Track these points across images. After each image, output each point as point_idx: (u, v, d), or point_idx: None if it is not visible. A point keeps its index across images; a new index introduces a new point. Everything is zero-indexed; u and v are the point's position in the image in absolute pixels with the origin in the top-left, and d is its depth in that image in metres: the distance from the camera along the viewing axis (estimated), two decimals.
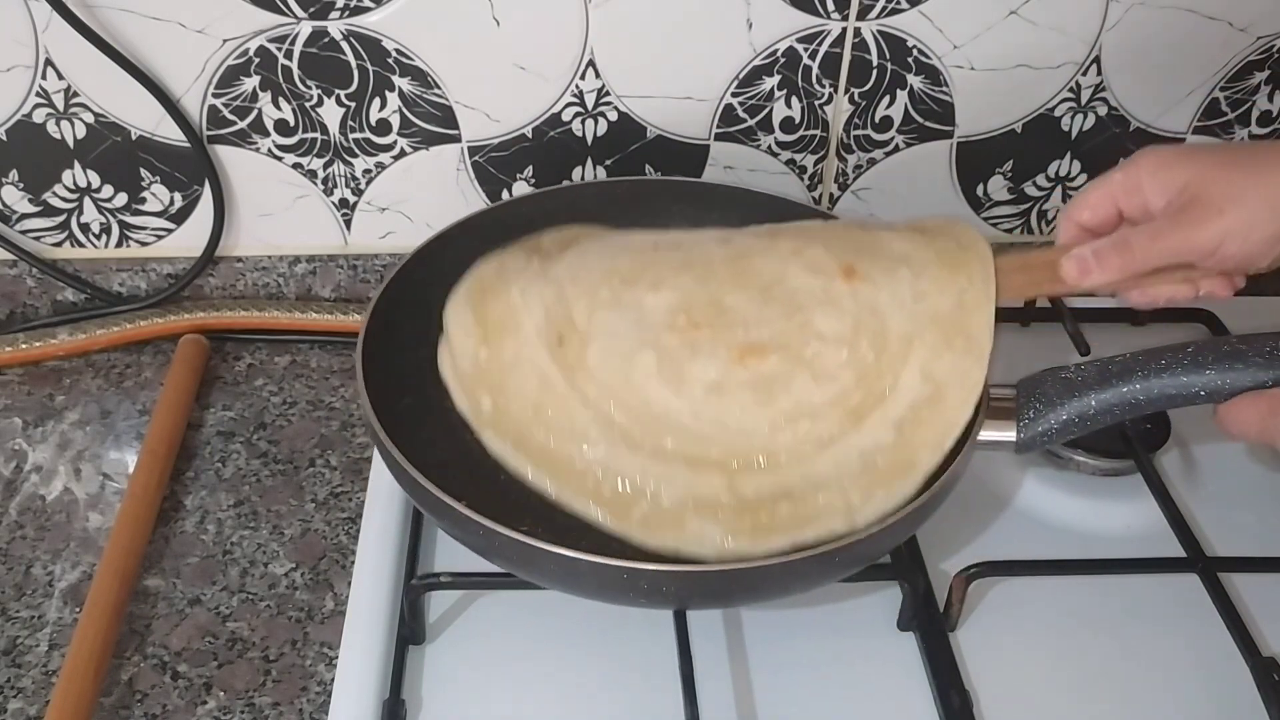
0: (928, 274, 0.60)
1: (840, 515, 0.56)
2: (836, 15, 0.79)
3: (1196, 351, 0.59)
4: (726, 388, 0.58)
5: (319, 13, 0.76)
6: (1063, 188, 0.89)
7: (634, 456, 0.57)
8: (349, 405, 0.81)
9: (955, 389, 0.58)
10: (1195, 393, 0.59)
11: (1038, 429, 0.61)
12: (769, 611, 0.64)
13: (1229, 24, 0.82)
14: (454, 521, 0.56)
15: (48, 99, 0.78)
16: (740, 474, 0.57)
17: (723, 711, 0.59)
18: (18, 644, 0.63)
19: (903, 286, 0.59)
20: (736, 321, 0.59)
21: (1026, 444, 0.61)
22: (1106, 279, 0.58)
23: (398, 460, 0.57)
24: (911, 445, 0.57)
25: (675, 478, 0.56)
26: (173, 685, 0.62)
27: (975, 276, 0.60)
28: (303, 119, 0.81)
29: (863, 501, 0.56)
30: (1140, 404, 0.60)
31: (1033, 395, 0.62)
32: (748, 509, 0.56)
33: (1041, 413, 0.61)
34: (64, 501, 0.72)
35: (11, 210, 0.83)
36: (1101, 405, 0.60)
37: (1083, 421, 0.61)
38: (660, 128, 0.83)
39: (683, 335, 0.59)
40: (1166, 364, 0.59)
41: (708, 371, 0.58)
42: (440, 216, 0.85)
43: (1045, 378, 0.62)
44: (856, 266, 0.60)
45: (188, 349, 0.82)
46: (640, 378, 0.58)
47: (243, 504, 0.72)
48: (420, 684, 0.60)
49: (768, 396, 0.57)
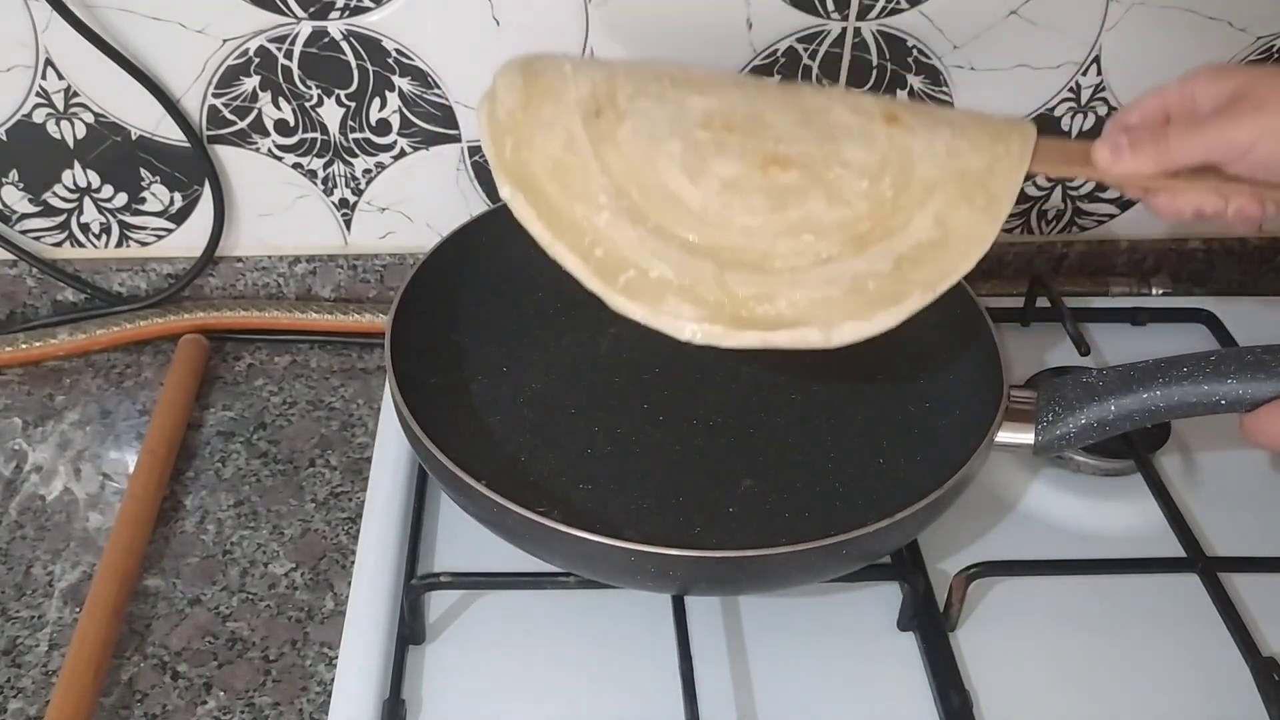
0: (968, 136, 0.60)
1: (817, 330, 0.55)
2: (836, 15, 0.79)
3: (1219, 360, 0.59)
4: (742, 188, 0.58)
5: (319, 13, 0.76)
6: (1063, 187, 0.89)
7: (635, 229, 0.58)
8: (349, 405, 0.81)
9: (962, 240, 0.57)
10: (1216, 401, 0.59)
11: (1056, 432, 0.61)
12: (769, 612, 0.64)
13: (1229, 24, 0.82)
14: (471, 498, 0.57)
15: (48, 99, 0.78)
16: (730, 268, 0.57)
17: (722, 711, 0.59)
18: (17, 644, 0.64)
19: (940, 141, 0.59)
20: (769, 135, 0.60)
21: (1044, 447, 0.62)
22: (1137, 168, 0.56)
23: (420, 437, 0.60)
24: (906, 281, 0.56)
25: (668, 255, 0.57)
26: (173, 685, 0.62)
27: (1014, 147, 0.59)
28: (303, 119, 0.81)
29: (842, 319, 0.56)
30: (1160, 411, 0.60)
31: (1053, 399, 0.62)
32: (727, 301, 0.56)
33: (1060, 416, 0.61)
34: (64, 501, 0.72)
35: (11, 210, 0.83)
36: (1121, 411, 0.60)
37: (1101, 427, 0.61)
38: None
39: (715, 134, 0.59)
40: (1189, 371, 0.59)
41: (728, 168, 0.58)
42: (440, 217, 0.86)
43: (1066, 381, 0.63)
44: (900, 116, 0.60)
45: (188, 349, 0.82)
46: (663, 160, 0.59)
47: (243, 504, 0.73)
48: (420, 684, 0.60)
49: (779, 204, 0.58)
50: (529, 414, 0.69)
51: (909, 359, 0.72)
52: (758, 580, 0.59)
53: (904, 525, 0.57)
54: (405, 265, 0.87)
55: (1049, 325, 0.83)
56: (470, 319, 0.74)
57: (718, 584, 0.59)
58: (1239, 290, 0.95)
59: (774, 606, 0.64)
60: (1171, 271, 0.94)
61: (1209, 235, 0.93)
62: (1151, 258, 0.94)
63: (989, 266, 0.92)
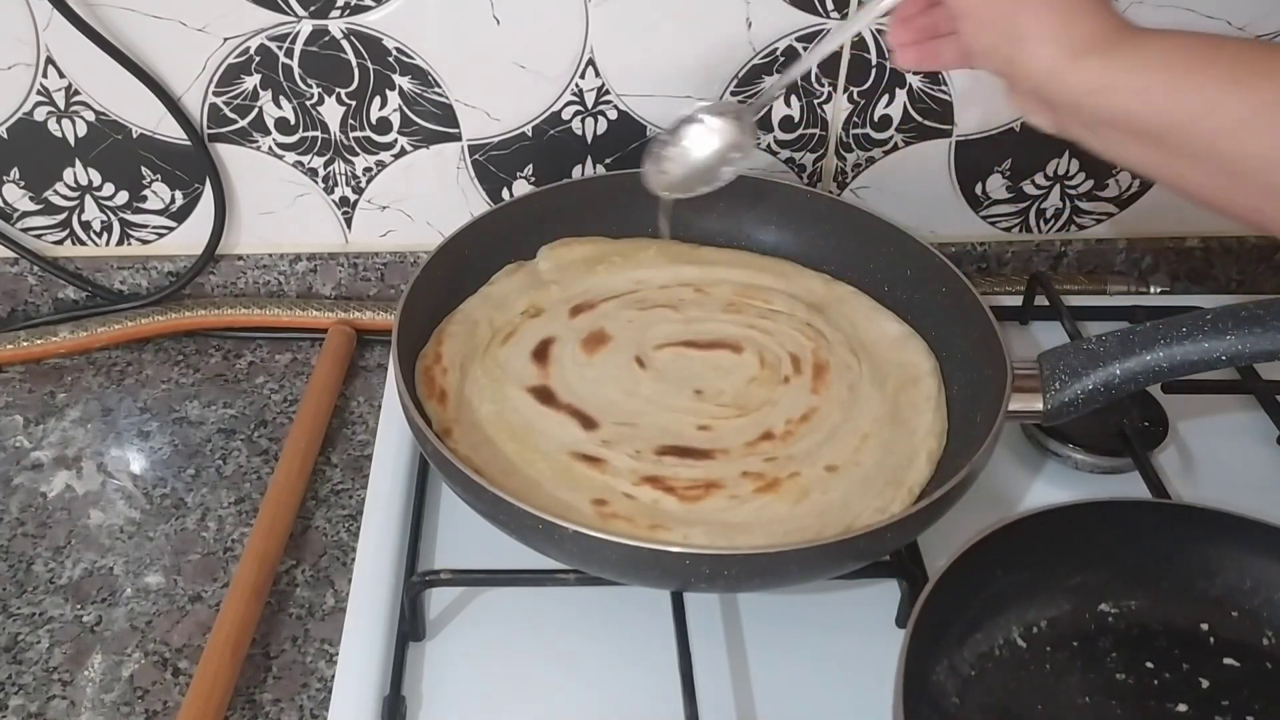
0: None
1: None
2: (836, 15, 0.79)
3: (1216, 318, 0.61)
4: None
5: (319, 11, 0.76)
6: (1061, 186, 0.90)
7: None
8: (349, 403, 0.81)
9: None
10: (1217, 358, 0.61)
11: (1064, 398, 0.63)
12: (769, 608, 0.64)
13: (1227, 22, 0.82)
14: (474, 492, 0.57)
15: (49, 97, 0.78)
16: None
17: (721, 706, 0.59)
18: (19, 640, 0.64)
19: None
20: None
21: (1054, 413, 0.63)
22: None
23: (419, 425, 0.61)
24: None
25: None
26: (174, 682, 0.62)
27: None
28: (303, 117, 0.81)
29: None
30: (1164, 370, 0.62)
31: (1057, 367, 0.64)
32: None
33: (1067, 383, 0.63)
34: (65, 499, 0.72)
35: (13, 208, 0.83)
36: (1126, 374, 0.62)
37: (1109, 390, 0.63)
38: (660, 126, 0.83)
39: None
40: (1189, 331, 0.61)
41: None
42: (441, 215, 0.86)
43: (1068, 350, 0.64)
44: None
45: (336, 339, 0.84)
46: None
47: (244, 501, 0.73)
48: (420, 680, 0.60)
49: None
50: None
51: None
52: (758, 578, 0.60)
53: (906, 525, 0.57)
54: (406, 263, 0.88)
55: (1047, 324, 0.83)
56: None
57: (719, 581, 0.59)
58: (1237, 289, 0.95)
59: (773, 603, 0.65)
60: (1169, 270, 0.94)
61: (1207, 234, 0.93)
62: (1149, 256, 0.94)
63: (988, 265, 0.93)
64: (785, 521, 0.61)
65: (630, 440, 0.64)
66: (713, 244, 0.80)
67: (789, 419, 0.67)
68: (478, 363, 0.69)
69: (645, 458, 0.63)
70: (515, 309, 0.74)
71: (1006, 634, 0.59)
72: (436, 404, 0.66)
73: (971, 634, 0.58)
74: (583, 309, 0.74)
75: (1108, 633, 0.60)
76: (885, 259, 0.76)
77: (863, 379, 0.69)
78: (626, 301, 0.75)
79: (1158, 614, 0.60)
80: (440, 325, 0.72)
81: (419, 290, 0.69)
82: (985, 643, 0.58)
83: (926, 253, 0.73)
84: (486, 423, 0.65)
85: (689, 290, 0.76)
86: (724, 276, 0.77)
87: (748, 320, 0.73)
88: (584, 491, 0.61)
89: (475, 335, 0.71)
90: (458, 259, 0.73)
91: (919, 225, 0.86)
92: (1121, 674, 0.58)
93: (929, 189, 0.88)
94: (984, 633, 0.58)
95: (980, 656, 0.58)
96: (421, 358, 0.69)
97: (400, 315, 0.66)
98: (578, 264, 0.77)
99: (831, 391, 0.68)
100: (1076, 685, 0.57)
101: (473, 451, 0.63)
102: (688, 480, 0.62)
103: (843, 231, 0.78)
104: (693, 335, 0.72)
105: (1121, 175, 0.89)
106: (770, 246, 0.80)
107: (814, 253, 0.79)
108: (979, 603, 0.58)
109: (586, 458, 0.63)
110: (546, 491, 0.61)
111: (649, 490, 0.61)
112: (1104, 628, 0.60)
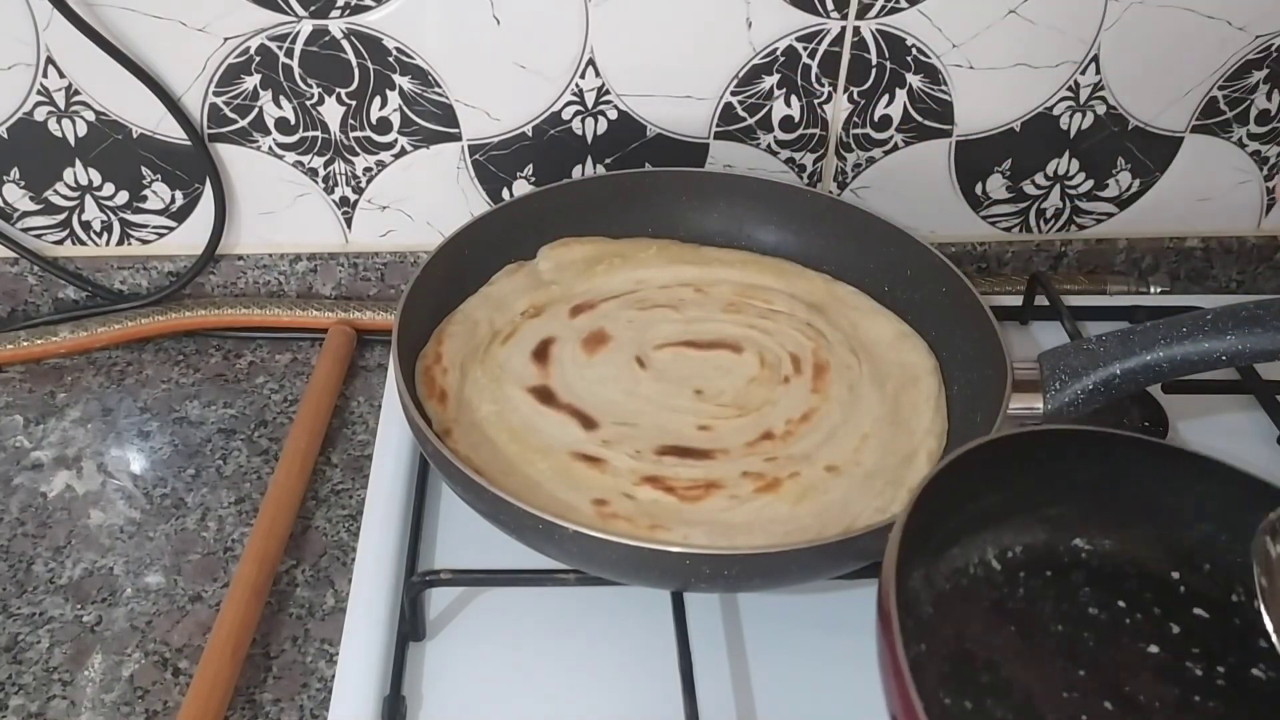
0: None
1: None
2: (836, 14, 0.79)
3: (1216, 318, 0.61)
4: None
5: (320, 11, 0.76)
6: (1061, 186, 0.90)
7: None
8: (349, 403, 0.81)
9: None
10: (1217, 357, 0.61)
11: (1064, 398, 0.63)
12: (769, 608, 0.64)
13: (1227, 22, 0.82)
14: (474, 492, 0.57)
15: (49, 97, 0.78)
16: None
17: (721, 706, 0.59)
18: (19, 640, 0.64)
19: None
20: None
21: (1054, 414, 0.63)
22: None
23: (419, 425, 0.61)
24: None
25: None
26: (174, 682, 0.62)
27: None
28: (303, 117, 0.81)
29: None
30: (1164, 370, 0.62)
31: (1057, 367, 0.64)
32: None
33: (1067, 383, 0.63)
34: (65, 499, 0.72)
35: (13, 208, 0.83)
36: (1126, 374, 0.62)
37: (1109, 390, 0.63)
38: (660, 126, 0.83)
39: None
40: (1189, 331, 0.61)
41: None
42: (441, 215, 0.86)
43: (1068, 350, 0.65)
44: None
45: (336, 339, 0.84)
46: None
47: (244, 501, 0.73)
48: (420, 680, 0.60)
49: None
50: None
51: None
52: (758, 578, 0.60)
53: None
54: (406, 263, 0.88)
55: (1047, 324, 0.83)
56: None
57: (719, 581, 0.59)
58: (1237, 289, 0.96)
59: (773, 603, 0.65)
60: (1170, 270, 0.94)
61: (1207, 234, 0.93)
62: (1150, 256, 0.94)
63: (988, 265, 0.93)
64: (785, 522, 0.61)
65: (630, 440, 0.64)
66: (713, 244, 0.80)
67: (789, 419, 0.67)
68: (478, 363, 0.69)
69: (645, 458, 0.63)
70: (515, 309, 0.74)
71: (982, 554, 0.58)
72: (436, 404, 0.66)
73: (948, 548, 0.57)
74: (583, 309, 0.74)
75: (1080, 567, 0.59)
76: (885, 259, 0.76)
77: (863, 379, 0.69)
78: (626, 301, 0.75)
79: (1129, 557, 0.59)
80: (440, 325, 0.72)
81: (419, 290, 0.69)
82: (961, 559, 0.58)
83: (926, 253, 0.73)
84: (486, 423, 0.65)
85: (689, 290, 0.76)
86: (724, 276, 0.77)
87: (748, 320, 0.74)
88: (584, 491, 0.61)
89: (475, 335, 0.71)
90: (458, 259, 0.73)
91: (919, 225, 0.86)
92: (1094, 609, 0.58)
93: (929, 189, 0.88)
94: (960, 549, 0.57)
95: (955, 571, 0.57)
96: (421, 358, 0.69)
97: (400, 315, 0.66)
98: (578, 264, 0.77)
99: (831, 391, 0.68)
100: (1049, 614, 0.57)
101: (473, 451, 0.63)
102: (688, 480, 0.62)
103: (843, 231, 0.78)
104: (693, 335, 0.72)
105: (1121, 175, 0.89)
106: (770, 246, 0.80)
107: (814, 253, 0.79)
108: (961, 517, 0.57)
109: (586, 458, 0.63)
110: (546, 491, 0.61)
111: (649, 490, 0.61)
112: (1077, 562, 0.60)
